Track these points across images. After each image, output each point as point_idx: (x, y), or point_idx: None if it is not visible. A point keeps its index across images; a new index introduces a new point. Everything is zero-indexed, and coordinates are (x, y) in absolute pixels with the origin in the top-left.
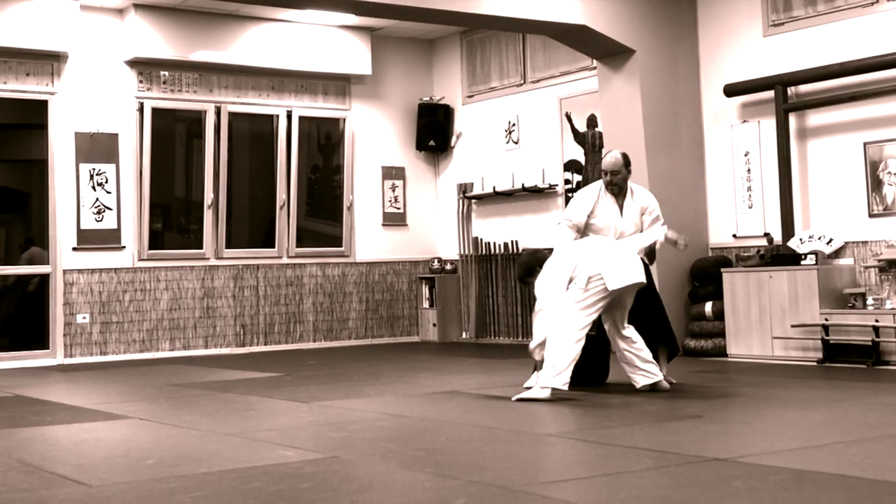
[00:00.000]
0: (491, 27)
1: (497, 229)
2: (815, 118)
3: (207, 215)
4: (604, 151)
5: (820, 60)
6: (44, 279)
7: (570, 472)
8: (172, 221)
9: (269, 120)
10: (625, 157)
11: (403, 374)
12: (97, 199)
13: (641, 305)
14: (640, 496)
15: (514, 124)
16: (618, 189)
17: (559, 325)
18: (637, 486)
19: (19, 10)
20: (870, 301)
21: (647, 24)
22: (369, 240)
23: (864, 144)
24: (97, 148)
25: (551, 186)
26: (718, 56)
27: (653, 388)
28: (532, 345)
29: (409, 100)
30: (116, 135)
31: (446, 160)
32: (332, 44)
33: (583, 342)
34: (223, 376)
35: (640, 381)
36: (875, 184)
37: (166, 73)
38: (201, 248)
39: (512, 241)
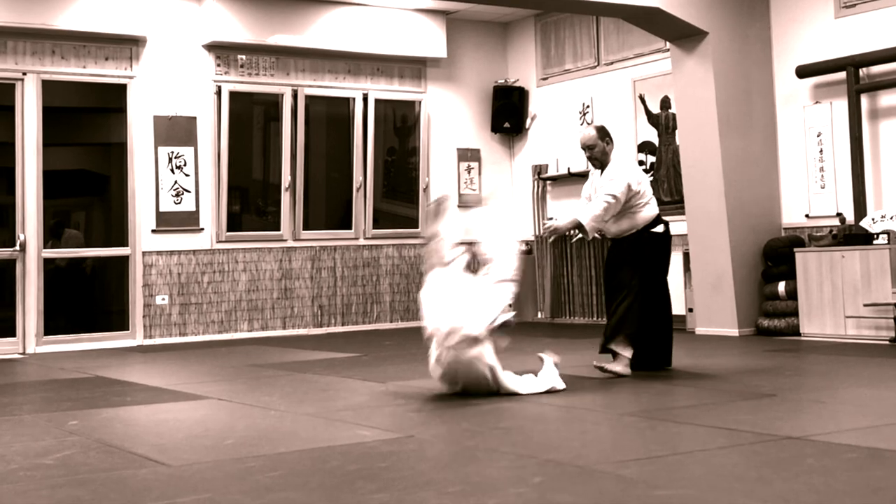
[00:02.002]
0: (565, 10)
1: (572, 210)
2: (887, 99)
3: (285, 197)
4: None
5: (891, 42)
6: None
7: (644, 450)
8: (250, 203)
9: (346, 103)
10: (599, 129)
11: None
12: (175, 182)
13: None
14: (713, 475)
15: (588, 106)
16: (598, 163)
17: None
18: (711, 464)
19: None
20: None
21: (720, 6)
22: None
23: None
24: (175, 131)
25: None
26: (790, 38)
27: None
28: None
29: (484, 82)
30: (194, 118)
31: (521, 142)
32: (408, 27)
33: None
34: (301, 357)
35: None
36: None
37: (244, 57)
38: (279, 229)
39: None
